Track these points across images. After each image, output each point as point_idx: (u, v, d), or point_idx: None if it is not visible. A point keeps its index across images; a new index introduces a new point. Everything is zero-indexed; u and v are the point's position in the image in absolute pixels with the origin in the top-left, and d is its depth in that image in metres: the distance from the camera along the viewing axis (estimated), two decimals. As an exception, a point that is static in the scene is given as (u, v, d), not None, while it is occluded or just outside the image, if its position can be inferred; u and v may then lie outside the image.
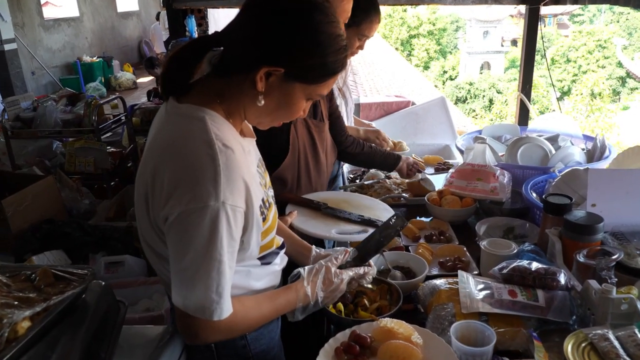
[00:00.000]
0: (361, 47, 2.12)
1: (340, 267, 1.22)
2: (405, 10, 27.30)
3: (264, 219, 1.09)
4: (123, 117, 4.00)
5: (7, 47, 7.45)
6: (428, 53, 27.72)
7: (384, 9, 3.33)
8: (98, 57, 10.12)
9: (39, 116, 3.70)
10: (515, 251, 1.44)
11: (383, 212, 1.72)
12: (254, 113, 1.07)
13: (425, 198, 1.95)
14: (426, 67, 27.19)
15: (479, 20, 25.33)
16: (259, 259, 1.14)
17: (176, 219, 0.93)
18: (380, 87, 7.50)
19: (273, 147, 1.66)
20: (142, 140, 3.83)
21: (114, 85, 9.88)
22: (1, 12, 7.52)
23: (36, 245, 2.83)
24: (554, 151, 2.04)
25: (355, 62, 8.21)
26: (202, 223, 0.92)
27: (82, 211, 3.32)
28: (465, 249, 1.65)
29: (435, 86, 20.98)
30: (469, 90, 22.81)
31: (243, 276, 1.11)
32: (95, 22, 11.01)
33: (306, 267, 1.20)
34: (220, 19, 3.85)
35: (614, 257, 1.24)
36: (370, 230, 1.48)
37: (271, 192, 1.24)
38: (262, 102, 1.02)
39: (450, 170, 2.04)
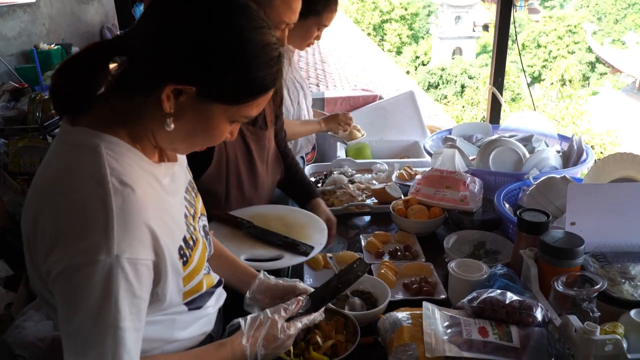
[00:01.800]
0: (318, 38, 1.98)
1: (290, 319, 1.03)
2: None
3: (186, 262, 0.89)
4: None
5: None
6: (400, 38, 27.59)
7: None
8: (56, 45, 9.63)
9: (-22, 113, 3.40)
10: (486, 275, 1.30)
11: (317, 233, 1.50)
12: (165, 138, 0.87)
13: (390, 207, 1.79)
14: (399, 53, 27.08)
15: (450, 5, 25.31)
16: (186, 304, 0.95)
17: (60, 275, 0.74)
18: (350, 75, 7.31)
19: (193, 155, 1.45)
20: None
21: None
22: (-53, -3, 7.04)
23: (-27, 257, 2.61)
24: (528, 155, 1.90)
25: (325, 49, 8.00)
26: (91, 282, 0.73)
27: (27, 216, 3.07)
28: (432, 267, 1.50)
29: (408, 72, 20.96)
30: (441, 76, 22.81)
31: (165, 326, 0.92)
32: (53, 8, 10.43)
33: (248, 318, 1.00)
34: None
35: (596, 287, 1.11)
36: (287, 256, 1.33)
37: (202, 222, 1.06)
38: (172, 125, 0.82)
39: (417, 177, 1.88)
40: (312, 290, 1.16)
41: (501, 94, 3.12)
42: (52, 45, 9.65)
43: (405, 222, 1.72)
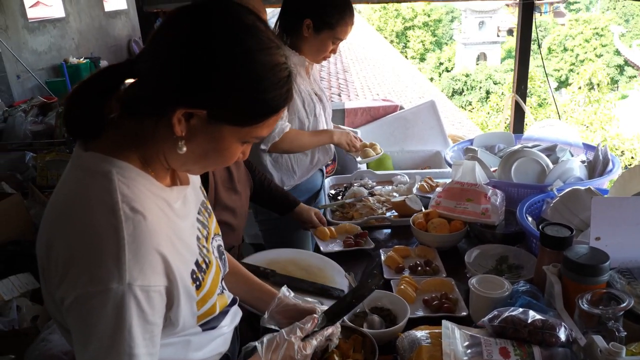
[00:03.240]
0: (334, 51, 1.97)
1: (306, 337, 1.02)
2: (399, 1, 27.08)
3: (199, 287, 0.89)
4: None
5: (-11, 51, 7.22)
6: (423, 45, 27.48)
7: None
8: (85, 58, 9.88)
9: (8, 128, 3.51)
10: (507, 292, 1.26)
11: (336, 275, 1.52)
12: (177, 160, 0.86)
13: (410, 221, 1.77)
14: (422, 59, 26.96)
15: (474, 11, 25.11)
16: (200, 325, 0.95)
17: (73, 303, 0.74)
18: (373, 84, 7.29)
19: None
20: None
21: None
22: (-19, 15, 7.30)
23: (1, 269, 2.67)
24: (551, 166, 1.85)
25: (347, 58, 8.01)
26: (103, 310, 0.73)
27: (54, 229, 3.14)
28: (453, 282, 1.47)
29: (431, 79, 20.82)
30: (465, 82, 22.60)
31: (180, 348, 0.92)
32: (82, 23, 10.75)
33: (265, 339, 0.98)
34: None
35: (622, 305, 1.07)
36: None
37: (217, 242, 1.05)
38: (184, 149, 0.81)
39: (438, 189, 1.85)
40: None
41: (525, 102, 3.07)
42: (81, 59, 9.95)
43: (425, 235, 1.70)
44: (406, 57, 23.41)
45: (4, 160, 3.81)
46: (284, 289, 1.19)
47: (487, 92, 21.57)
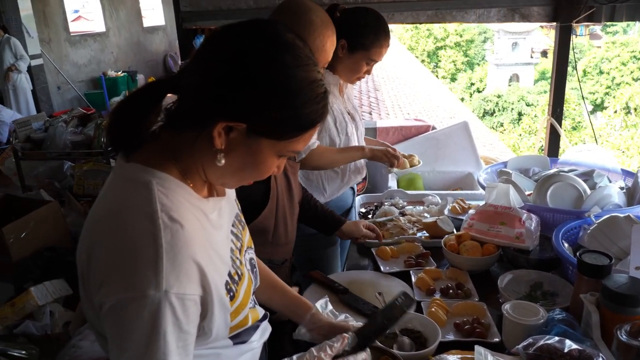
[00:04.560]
0: (369, 72, 1.98)
1: (336, 358, 1.02)
2: (434, 22, 27.11)
3: (233, 297, 0.90)
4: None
5: (33, 62, 7.53)
6: (455, 65, 27.35)
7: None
8: (123, 72, 10.20)
9: (49, 137, 3.64)
10: (543, 320, 1.23)
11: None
12: (215, 173, 0.88)
13: (442, 243, 1.75)
14: (453, 79, 26.82)
15: (507, 32, 24.91)
16: (231, 338, 0.96)
17: (111, 309, 0.76)
18: (404, 103, 7.29)
19: (253, 194, 1.46)
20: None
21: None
22: (28, 28, 7.63)
23: (37, 274, 2.75)
24: (589, 192, 1.81)
25: (379, 77, 8.04)
26: (140, 316, 0.74)
27: (88, 237, 3.22)
28: (485, 307, 1.44)
29: (462, 99, 20.67)
30: (497, 103, 22.34)
31: (207, 359, 0.93)
32: (122, 37, 11.12)
33: (295, 357, 0.99)
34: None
35: (664, 338, 1.03)
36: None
37: (249, 255, 1.07)
38: (223, 161, 0.83)
39: (471, 212, 1.83)
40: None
41: (560, 125, 3.02)
42: (119, 73, 10.28)
43: (457, 258, 1.68)
44: (437, 76, 23.34)
45: (43, 168, 3.95)
46: (320, 303, 1.20)
47: (519, 114, 21.26)
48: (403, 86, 8.74)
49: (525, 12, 3.18)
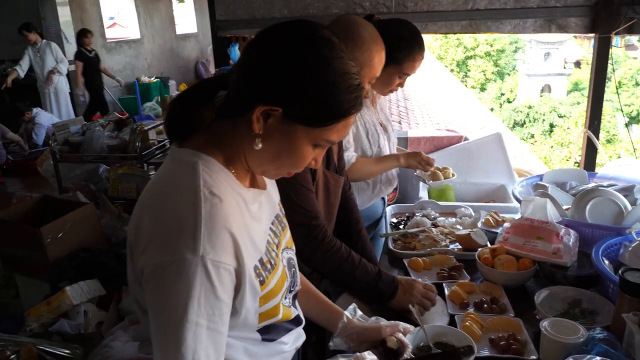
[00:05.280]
0: (401, 85, 1.97)
1: None
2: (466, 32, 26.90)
3: (262, 282, 0.93)
4: (167, 143, 3.99)
5: (71, 67, 7.75)
6: (485, 74, 27.05)
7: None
8: (156, 78, 10.42)
9: (86, 141, 3.74)
10: (583, 338, 1.20)
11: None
12: (255, 159, 0.94)
13: (476, 256, 1.73)
14: (482, 89, 26.52)
15: (539, 42, 24.53)
16: (260, 331, 0.98)
17: (151, 272, 0.82)
18: (433, 113, 7.24)
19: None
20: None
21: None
22: (66, 34, 7.87)
23: (72, 274, 2.81)
24: (629, 207, 1.77)
25: (408, 86, 8.00)
26: (177, 278, 0.80)
27: (121, 239, 3.28)
28: (521, 323, 1.41)
29: (492, 109, 20.40)
30: (528, 114, 21.98)
31: (235, 351, 0.95)
32: (155, 44, 11.37)
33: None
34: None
35: None
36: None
37: (288, 254, 1.08)
38: (260, 145, 0.89)
39: (505, 225, 1.80)
40: (393, 324, 1.19)
41: (597, 138, 2.96)
42: (152, 79, 10.49)
43: (491, 272, 1.65)
44: (466, 86, 23.10)
45: (80, 170, 4.05)
46: (348, 310, 1.20)
47: (551, 125, 20.86)
48: (432, 96, 8.68)
49: (563, 23, 3.13)
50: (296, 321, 1.10)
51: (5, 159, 6.15)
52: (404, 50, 1.84)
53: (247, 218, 0.93)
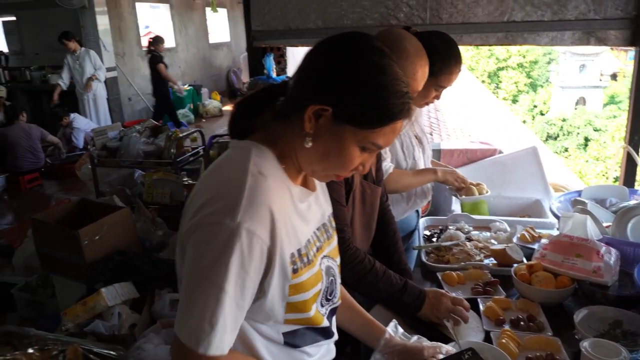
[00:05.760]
0: (437, 97, 1.96)
1: None
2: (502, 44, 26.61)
3: (295, 271, 0.96)
4: (201, 150, 4.06)
5: (108, 74, 7.97)
6: (517, 86, 26.64)
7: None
8: (189, 85, 10.62)
9: (123, 146, 3.84)
10: (626, 361, 1.17)
11: None
12: (305, 158, 0.98)
13: (512, 272, 1.70)
14: (514, 101, 26.11)
15: (574, 53, 24.04)
16: (285, 335, 0.99)
17: (193, 233, 0.90)
18: (465, 125, 7.17)
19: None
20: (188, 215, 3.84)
21: (202, 112, 10.26)
22: (105, 43, 8.10)
23: (108, 276, 2.87)
24: (674, 227, 1.72)
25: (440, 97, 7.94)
26: (212, 240, 0.86)
27: (155, 243, 3.35)
28: (560, 342, 1.38)
29: (524, 121, 20.07)
30: (562, 127, 21.52)
31: (257, 346, 0.99)
32: (189, 53, 11.60)
33: None
34: (299, 57, 3.83)
35: None
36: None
37: (328, 262, 1.10)
38: (310, 144, 0.94)
39: (543, 241, 1.77)
40: (435, 346, 1.20)
41: (638, 154, 2.88)
42: (185, 86, 10.68)
43: (528, 289, 1.62)
44: (497, 97, 22.79)
45: (116, 175, 4.16)
46: (390, 327, 1.20)
47: (586, 139, 20.38)
48: (464, 107, 8.60)
49: (602, 36, 3.07)
50: (326, 332, 1.10)
51: (43, 162, 6.34)
52: (439, 63, 1.82)
53: (290, 207, 0.98)
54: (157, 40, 8.37)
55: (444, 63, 1.85)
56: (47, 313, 3.23)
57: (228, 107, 10.40)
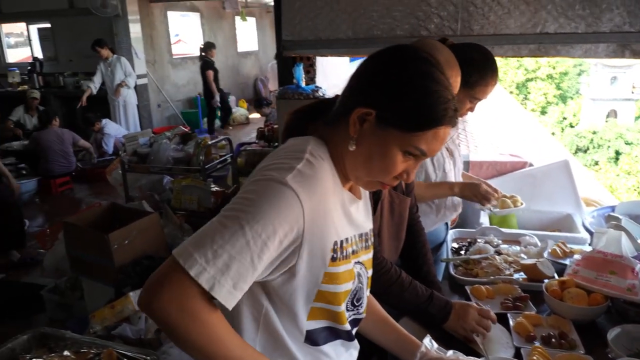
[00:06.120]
0: (472, 110, 1.93)
1: None
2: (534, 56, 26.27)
3: (333, 260, 0.97)
4: (229, 158, 4.11)
5: (139, 81, 8.15)
6: (546, 98, 26.19)
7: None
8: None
9: (153, 152, 3.91)
10: (664, 383, 1.14)
11: None
12: (350, 162, 1.00)
13: (544, 287, 1.67)
14: (543, 113, 25.67)
15: (606, 65, 23.54)
16: (308, 332, 1.00)
17: (245, 185, 0.93)
18: (493, 136, 7.06)
19: None
20: (246, 180, 3.90)
21: (229, 119, 10.38)
22: (137, 50, 8.29)
23: (136, 280, 2.92)
24: None
25: (467, 108, 7.85)
26: (255, 187, 0.90)
27: (182, 249, 3.38)
28: (593, 362, 1.35)
29: (553, 133, 19.72)
30: (592, 140, 21.06)
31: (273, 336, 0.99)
32: (218, 61, 11.74)
33: None
34: (328, 67, 3.84)
35: None
36: None
37: (362, 269, 1.10)
38: (354, 147, 0.96)
39: (576, 257, 1.74)
40: None
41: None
42: (213, 93, 10.72)
43: (560, 305, 1.59)
44: (526, 108, 22.46)
45: (145, 180, 4.23)
46: (426, 340, 1.20)
47: (617, 153, 19.89)
48: (491, 118, 8.48)
49: (637, 49, 3.00)
50: (347, 334, 1.09)
51: (75, 166, 6.50)
52: (475, 74, 1.80)
53: (338, 201, 1.00)
54: (208, 46, 8.78)
55: (481, 75, 1.82)
56: (75, 315, 3.30)
57: (255, 115, 10.48)
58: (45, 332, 1.27)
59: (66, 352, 1.06)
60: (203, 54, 8.89)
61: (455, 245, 2.18)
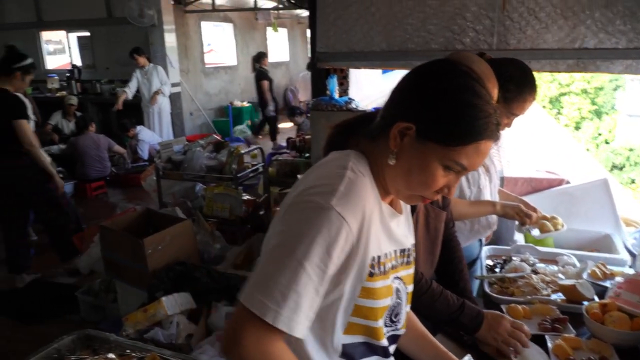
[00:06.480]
0: (509, 125, 1.91)
1: None
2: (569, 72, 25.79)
3: (371, 275, 0.98)
4: (260, 167, 4.15)
5: (173, 90, 8.32)
6: (580, 113, 25.60)
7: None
8: (248, 102, 10.90)
9: (187, 160, 3.98)
10: None
11: None
12: (390, 176, 1.01)
13: (584, 310, 1.63)
14: (577, 128, 25.08)
15: (643, 81, 22.91)
16: (345, 346, 0.99)
17: (286, 208, 0.95)
18: (526, 151, 6.94)
19: None
20: (277, 190, 3.95)
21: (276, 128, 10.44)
22: (172, 60, 8.47)
23: (168, 285, 2.97)
24: None
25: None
26: (301, 215, 0.90)
27: (213, 256, 3.43)
28: (636, 388, 1.31)
29: (587, 149, 19.27)
30: (628, 157, 20.46)
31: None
32: (249, 70, 11.92)
33: None
34: (361, 79, 3.86)
35: None
36: None
37: (400, 284, 1.10)
38: (394, 161, 0.97)
39: (617, 279, 1.69)
40: None
41: None
42: (244, 103, 10.97)
43: (601, 329, 1.55)
44: (559, 123, 21.99)
45: (178, 187, 4.31)
46: (466, 358, 1.19)
47: (655, 171, 19.30)
48: (524, 132, 8.35)
49: (681, 65, 2.93)
50: (384, 350, 1.09)
51: (109, 171, 6.66)
52: (514, 90, 1.78)
53: (378, 216, 1.00)
54: (260, 56, 9.04)
55: (519, 90, 1.80)
56: (108, 317, 3.36)
57: (285, 125, 10.56)
58: (89, 334, 1.30)
59: (110, 355, 1.08)
60: (257, 64, 9.07)
61: (490, 262, 2.15)
